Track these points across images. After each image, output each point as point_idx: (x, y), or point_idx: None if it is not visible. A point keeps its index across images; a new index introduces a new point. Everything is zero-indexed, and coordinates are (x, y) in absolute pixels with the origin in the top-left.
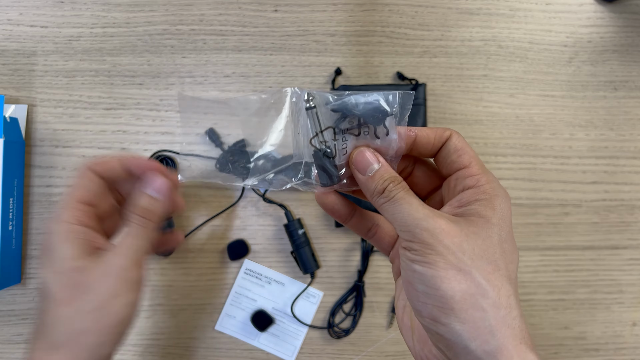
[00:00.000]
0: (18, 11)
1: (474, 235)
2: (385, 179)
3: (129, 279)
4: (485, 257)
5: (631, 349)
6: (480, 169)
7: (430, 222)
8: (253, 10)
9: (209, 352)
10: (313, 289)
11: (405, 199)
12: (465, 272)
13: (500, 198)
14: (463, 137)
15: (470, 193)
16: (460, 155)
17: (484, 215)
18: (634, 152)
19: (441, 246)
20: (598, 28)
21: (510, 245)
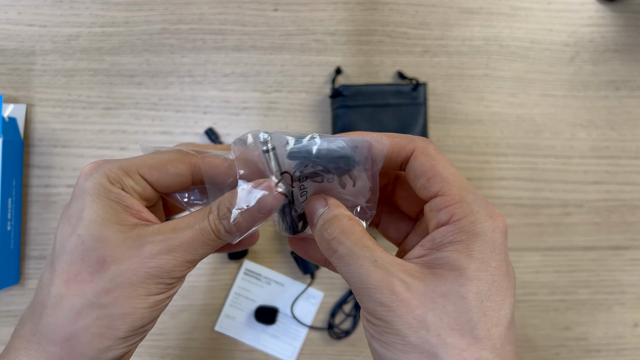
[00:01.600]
0: (17, 10)
1: (442, 299)
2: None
3: (167, 276)
4: (457, 328)
5: (633, 350)
6: (458, 196)
7: (385, 292)
8: (253, 10)
9: (208, 352)
10: (313, 289)
11: (352, 256)
12: (429, 354)
13: (482, 237)
14: (434, 147)
15: (443, 232)
16: (429, 178)
17: (457, 267)
18: (635, 152)
19: (400, 323)
20: (599, 27)
21: (495, 302)
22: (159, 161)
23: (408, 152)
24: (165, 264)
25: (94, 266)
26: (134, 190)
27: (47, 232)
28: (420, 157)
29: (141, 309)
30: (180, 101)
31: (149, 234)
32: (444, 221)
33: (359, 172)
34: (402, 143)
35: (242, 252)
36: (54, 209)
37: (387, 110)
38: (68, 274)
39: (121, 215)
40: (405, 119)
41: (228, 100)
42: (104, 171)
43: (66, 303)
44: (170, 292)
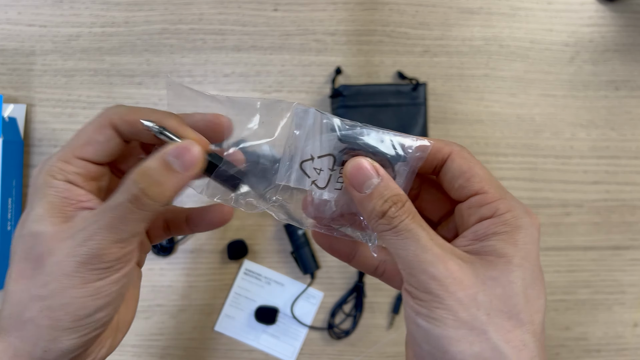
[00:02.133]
0: (17, 10)
1: (492, 282)
2: (386, 198)
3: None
4: (505, 310)
5: (633, 350)
6: (497, 194)
7: (440, 267)
8: (253, 10)
9: (208, 352)
10: (313, 289)
11: (410, 232)
12: (479, 331)
13: (524, 230)
14: (468, 151)
15: (487, 224)
16: (469, 178)
17: (504, 254)
18: (635, 152)
19: (452, 299)
20: (599, 27)
21: (535, 290)
22: (86, 136)
23: (444, 155)
24: (90, 249)
25: (34, 263)
26: (77, 174)
27: None
28: (458, 160)
29: (80, 297)
30: None
31: (77, 222)
32: (488, 216)
33: (402, 167)
34: (439, 146)
35: (242, 252)
36: None
37: (387, 110)
38: (16, 272)
39: (57, 209)
40: (405, 119)
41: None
42: (45, 170)
43: (15, 298)
44: (112, 277)
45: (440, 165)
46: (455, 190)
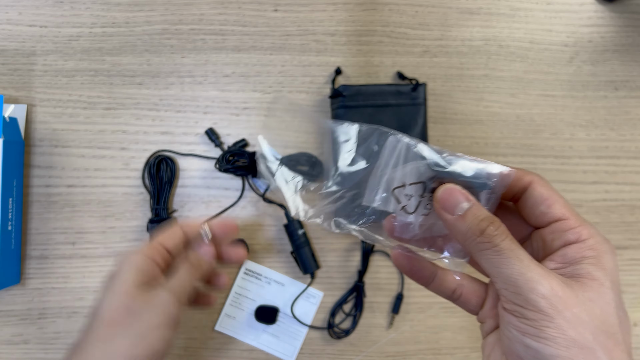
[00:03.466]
0: (17, 11)
1: (591, 303)
2: (482, 218)
3: (171, 315)
4: (604, 329)
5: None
6: (578, 220)
7: (547, 286)
8: (253, 10)
9: (208, 352)
10: (313, 289)
11: (513, 251)
12: (589, 350)
13: (609, 255)
14: (547, 180)
15: (574, 249)
16: (550, 205)
17: (596, 278)
18: (634, 152)
19: (561, 318)
20: (599, 28)
21: (623, 313)
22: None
23: (525, 183)
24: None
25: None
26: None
27: (47, 232)
28: (539, 188)
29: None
30: (181, 101)
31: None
32: (572, 240)
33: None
34: (520, 174)
35: None
36: (54, 209)
37: (387, 110)
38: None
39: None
40: (405, 119)
41: (228, 101)
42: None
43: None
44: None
45: (520, 193)
46: (536, 216)
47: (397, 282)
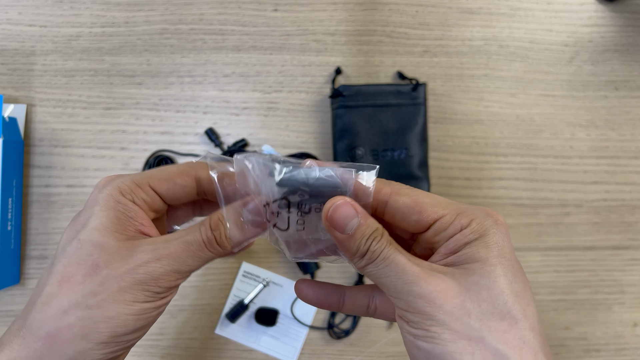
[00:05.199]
0: (17, 10)
1: (475, 286)
2: (367, 236)
3: (154, 284)
4: (496, 311)
5: (632, 350)
6: (453, 210)
7: (424, 285)
8: (253, 10)
9: (208, 353)
10: None
11: (388, 259)
12: (477, 339)
13: (491, 230)
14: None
15: (456, 239)
16: (420, 211)
17: (479, 258)
18: (634, 152)
19: (441, 313)
20: (599, 27)
21: (520, 284)
22: (168, 174)
23: (384, 196)
24: (152, 271)
25: (87, 269)
26: (144, 201)
27: (47, 232)
28: (401, 198)
29: (125, 314)
30: (181, 101)
31: (143, 244)
32: (453, 233)
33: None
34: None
35: None
36: (54, 209)
37: (387, 110)
38: (63, 274)
39: (123, 225)
40: (405, 119)
41: (228, 101)
42: (116, 184)
43: (55, 301)
44: (158, 303)
45: (382, 207)
46: (412, 225)
47: None
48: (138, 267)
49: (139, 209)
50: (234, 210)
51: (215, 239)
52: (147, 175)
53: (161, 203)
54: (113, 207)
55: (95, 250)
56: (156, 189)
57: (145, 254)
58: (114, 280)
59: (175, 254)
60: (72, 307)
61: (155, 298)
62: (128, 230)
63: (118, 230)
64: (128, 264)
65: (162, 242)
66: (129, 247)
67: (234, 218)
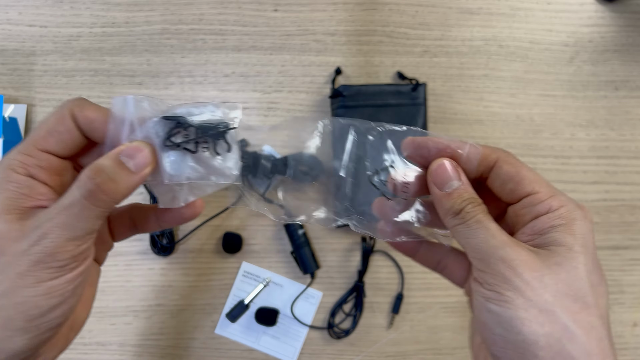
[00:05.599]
0: (17, 11)
1: (557, 267)
2: (465, 199)
3: (51, 259)
4: (570, 293)
5: (632, 350)
6: (548, 191)
7: (508, 250)
8: (253, 10)
9: (208, 352)
10: (312, 289)
11: (482, 223)
12: (549, 312)
13: (579, 221)
14: (513, 155)
15: (543, 220)
16: (519, 182)
17: (564, 243)
18: (634, 152)
19: (519, 280)
20: (599, 28)
21: (598, 277)
22: (47, 126)
23: (491, 162)
24: (45, 248)
25: None
26: (40, 167)
27: None
28: (505, 166)
29: (33, 296)
30: (181, 101)
31: (32, 220)
32: (542, 213)
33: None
34: (486, 153)
35: (237, 247)
36: None
37: (386, 110)
38: None
39: (15, 205)
40: (405, 119)
41: (228, 101)
42: (6, 163)
43: None
44: (67, 276)
45: (487, 172)
46: (506, 194)
47: (397, 282)
48: (30, 247)
49: (35, 182)
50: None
51: (100, 188)
52: (31, 140)
53: (59, 161)
54: (4, 189)
55: None
56: (46, 149)
57: (35, 231)
58: (11, 266)
59: (61, 222)
60: None
61: (61, 272)
62: (22, 209)
63: (9, 212)
64: (21, 245)
65: (46, 214)
66: (20, 227)
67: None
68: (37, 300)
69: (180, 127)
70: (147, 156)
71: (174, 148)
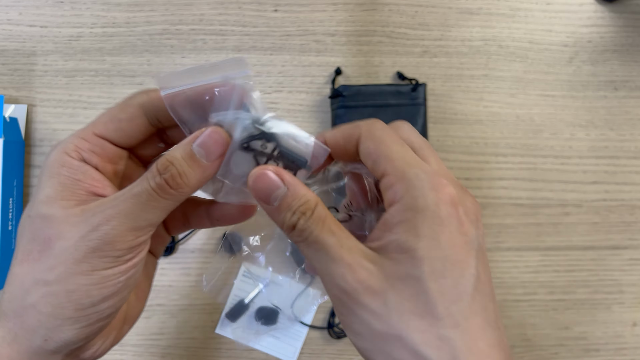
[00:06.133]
0: (18, 11)
1: (401, 283)
2: (294, 209)
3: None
4: (416, 311)
5: (632, 349)
6: (398, 173)
7: (349, 279)
8: (253, 10)
9: (208, 352)
10: (312, 289)
11: (320, 242)
12: (395, 338)
13: (425, 213)
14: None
15: (392, 212)
16: (375, 160)
17: (406, 249)
18: (634, 152)
19: (364, 311)
20: (598, 28)
21: (451, 279)
22: (110, 112)
23: (356, 136)
24: (105, 235)
25: (42, 245)
26: (94, 153)
27: None
28: (366, 142)
29: (85, 285)
30: None
31: (92, 206)
32: (392, 200)
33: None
34: (348, 132)
35: (237, 246)
36: None
37: (386, 110)
38: (22, 253)
39: (70, 190)
40: (405, 119)
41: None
42: (61, 146)
43: (18, 281)
44: (122, 267)
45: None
46: (374, 173)
47: None
48: (89, 233)
49: (88, 167)
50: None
51: (168, 183)
52: (91, 124)
53: (115, 149)
54: (57, 174)
55: (44, 223)
56: (103, 135)
57: (95, 217)
58: (68, 252)
59: (126, 210)
60: (33, 286)
61: (116, 263)
62: (77, 195)
63: (64, 197)
64: (80, 231)
65: (110, 201)
66: (78, 213)
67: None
68: (89, 289)
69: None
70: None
71: (248, 151)
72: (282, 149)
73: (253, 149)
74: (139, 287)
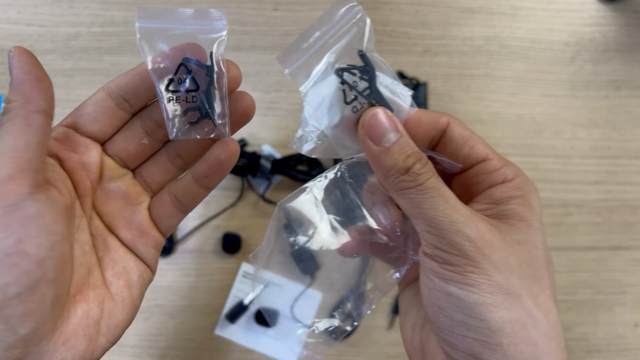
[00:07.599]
0: (16, 10)
1: (519, 246)
2: (409, 154)
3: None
4: (532, 274)
5: (634, 350)
6: (502, 160)
7: (473, 228)
8: (252, 9)
9: (207, 353)
10: (312, 290)
11: (438, 190)
12: (515, 296)
13: (535, 194)
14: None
15: (501, 189)
16: (473, 146)
17: (525, 218)
18: (636, 152)
19: (487, 262)
20: (600, 27)
21: (549, 254)
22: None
23: (442, 125)
24: None
25: None
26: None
27: None
28: (458, 129)
29: None
30: None
31: None
32: (499, 181)
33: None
34: (435, 117)
35: (236, 247)
36: None
37: None
38: None
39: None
40: None
41: None
42: None
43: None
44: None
45: (438, 137)
46: (459, 159)
47: None
48: None
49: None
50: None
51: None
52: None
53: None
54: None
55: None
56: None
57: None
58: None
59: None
60: None
61: None
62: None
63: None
64: None
65: None
66: None
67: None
68: None
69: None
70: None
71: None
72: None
73: (345, 81)
74: (120, 295)
